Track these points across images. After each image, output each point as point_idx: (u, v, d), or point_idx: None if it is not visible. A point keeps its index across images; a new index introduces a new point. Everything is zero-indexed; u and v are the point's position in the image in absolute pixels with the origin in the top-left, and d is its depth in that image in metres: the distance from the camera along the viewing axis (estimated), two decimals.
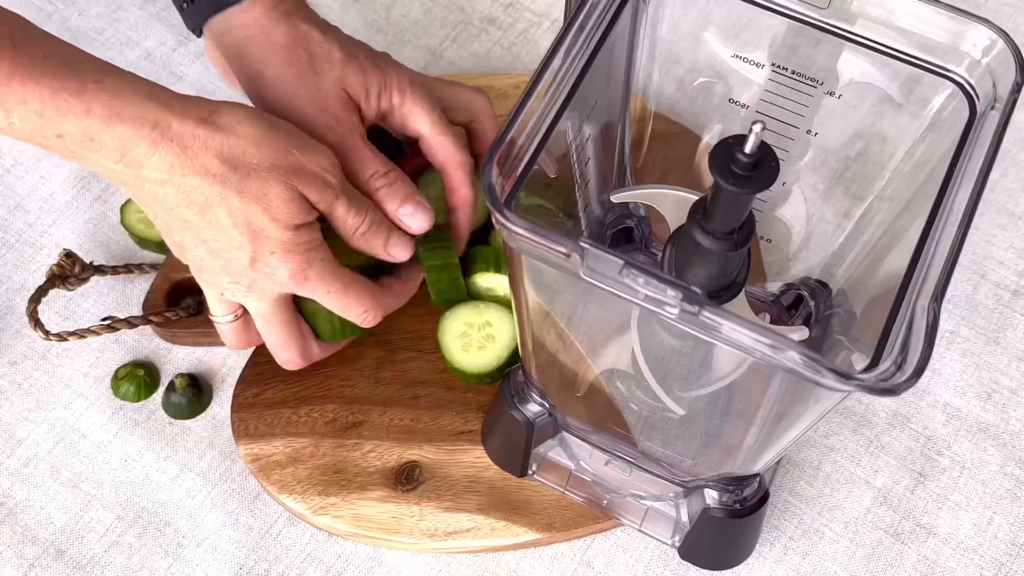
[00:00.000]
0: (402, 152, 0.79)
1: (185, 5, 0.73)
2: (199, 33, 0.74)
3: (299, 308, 0.73)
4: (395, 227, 0.71)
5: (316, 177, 0.65)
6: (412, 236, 0.72)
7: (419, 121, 0.73)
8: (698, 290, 0.48)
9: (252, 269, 0.66)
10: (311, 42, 0.71)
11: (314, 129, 0.69)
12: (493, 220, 0.52)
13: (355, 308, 0.71)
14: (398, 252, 0.71)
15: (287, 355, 0.74)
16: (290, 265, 0.66)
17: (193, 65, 0.93)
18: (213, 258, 0.66)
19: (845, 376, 0.47)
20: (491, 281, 0.78)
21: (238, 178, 0.62)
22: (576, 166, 0.65)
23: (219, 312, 0.72)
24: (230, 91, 0.92)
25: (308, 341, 0.74)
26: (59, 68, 0.58)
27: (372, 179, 0.70)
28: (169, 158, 0.61)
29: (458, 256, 0.76)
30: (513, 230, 0.51)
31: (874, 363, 0.49)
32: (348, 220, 0.67)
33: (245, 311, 0.72)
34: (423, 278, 0.76)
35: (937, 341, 0.68)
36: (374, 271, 0.73)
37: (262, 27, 0.70)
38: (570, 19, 0.57)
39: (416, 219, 0.71)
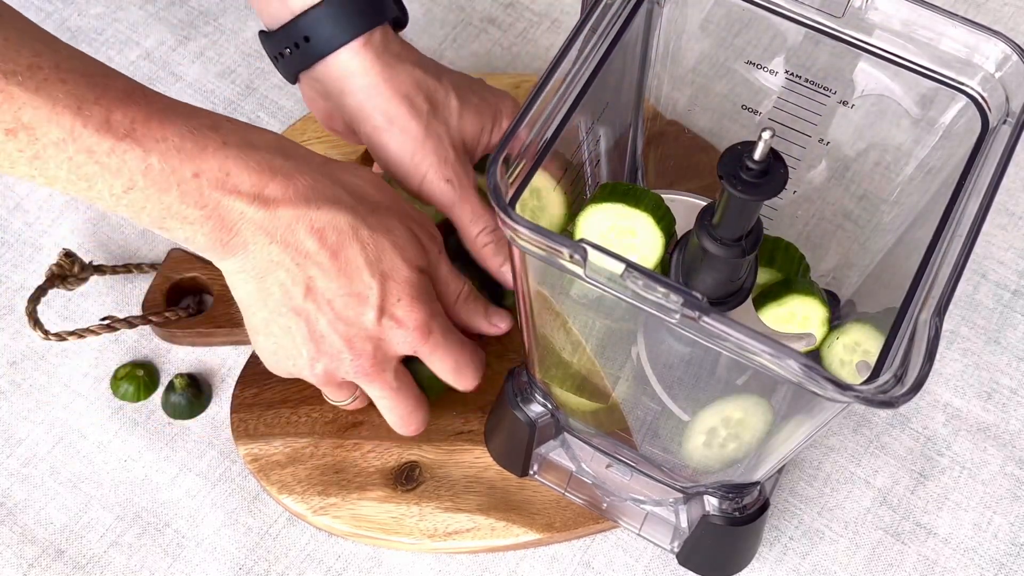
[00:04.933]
0: None
1: (288, 51, 0.71)
2: (294, 80, 0.74)
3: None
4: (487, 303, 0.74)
5: (424, 228, 0.67)
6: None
7: None
8: (699, 295, 0.48)
9: (379, 325, 0.65)
10: (429, 90, 0.71)
11: (435, 182, 0.71)
12: (498, 220, 0.52)
13: (468, 368, 0.71)
14: (500, 321, 0.74)
15: (420, 418, 0.72)
16: (416, 315, 0.66)
17: (192, 65, 0.92)
18: (336, 328, 0.65)
19: (843, 387, 0.47)
20: None
21: (366, 210, 0.64)
22: (587, 167, 0.65)
23: (339, 397, 0.73)
24: (231, 91, 0.92)
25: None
26: (190, 111, 0.59)
27: (481, 234, 0.72)
28: (304, 190, 0.61)
29: None
30: (517, 230, 0.51)
31: (874, 375, 0.49)
32: (451, 284, 0.69)
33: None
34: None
35: None
36: None
37: (379, 74, 0.70)
38: (583, 19, 0.57)
39: None
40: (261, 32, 0.73)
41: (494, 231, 0.72)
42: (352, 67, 0.70)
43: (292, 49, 0.71)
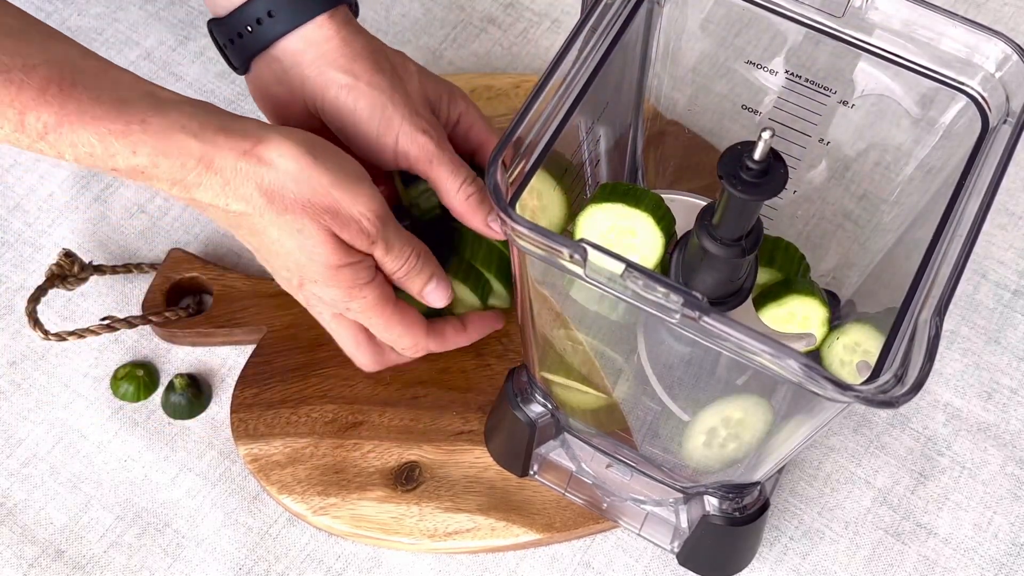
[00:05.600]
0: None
1: (249, 29, 0.70)
2: (246, 67, 0.72)
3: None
4: (434, 273, 0.70)
5: (352, 221, 0.64)
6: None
7: (483, 128, 0.75)
8: (699, 295, 0.48)
9: (301, 291, 0.68)
10: (388, 53, 0.71)
11: (412, 133, 0.69)
12: (498, 220, 0.52)
13: (398, 342, 0.71)
14: (433, 299, 0.71)
15: (364, 359, 0.74)
16: (331, 296, 0.67)
17: (192, 65, 0.92)
18: (273, 272, 0.69)
19: (844, 387, 0.47)
20: None
21: (275, 212, 0.63)
22: (587, 167, 0.65)
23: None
24: (230, 90, 0.91)
25: (383, 347, 0.74)
26: (106, 111, 0.59)
27: (464, 184, 0.69)
28: (215, 188, 0.62)
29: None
30: (517, 230, 0.51)
31: (874, 375, 0.49)
32: (387, 264, 0.68)
33: None
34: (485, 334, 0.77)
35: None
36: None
37: (343, 39, 0.69)
38: (583, 19, 0.57)
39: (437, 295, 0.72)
40: (211, 21, 0.72)
41: (475, 180, 0.70)
42: (314, 37, 0.69)
43: (253, 27, 0.70)
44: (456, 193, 0.69)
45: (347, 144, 0.70)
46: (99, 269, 0.81)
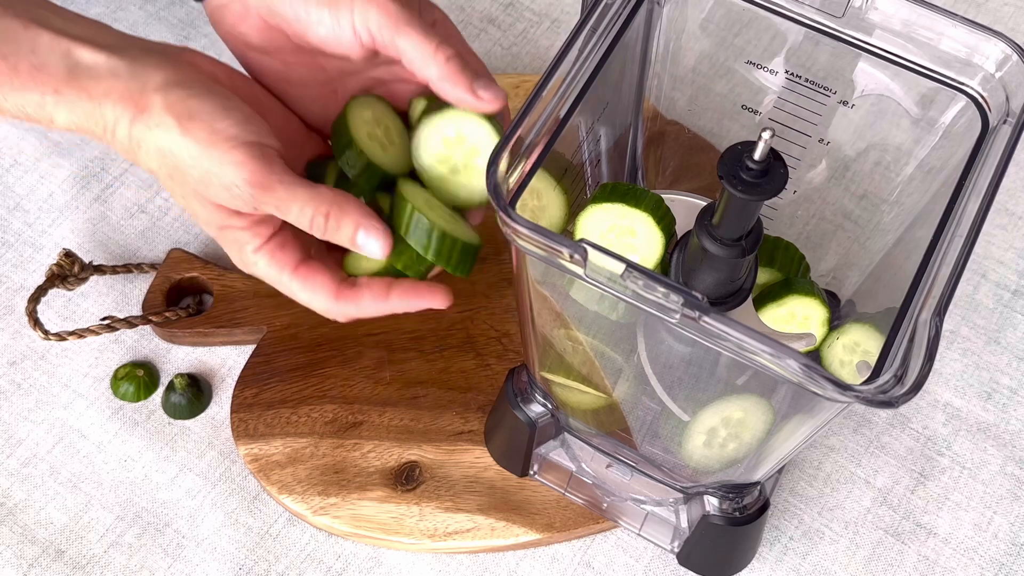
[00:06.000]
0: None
1: None
2: None
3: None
4: (360, 223, 0.63)
5: (223, 189, 0.62)
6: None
7: (461, 40, 0.69)
8: (699, 295, 0.48)
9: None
10: None
11: None
12: (497, 220, 0.51)
13: (310, 306, 0.67)
14: (371, 250, 0.63)
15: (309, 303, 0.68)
16: (232, 257, 0.67)
17: None
18: None
19: (844, 387, 0.47)
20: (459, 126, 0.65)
21: (164, 176, 0.64)
22: (587, 167, 0.65)
23: None
24: None
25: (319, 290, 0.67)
26: (23, 83, 0.61)
27: (440, 47, 0.62)
28: (122, 150, 0.64)
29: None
30: (517, 229, 0.51)
31: (874, 375, 0.49)
32: (299, 225, 0.63)
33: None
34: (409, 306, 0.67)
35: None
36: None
37: None
38: (583, 19, 0.57)
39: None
40: None
41: (451, 44, 0.62)
42: None
43: None
44: (433, 56, 0.61)
45: (308, 42, 0.65)
46: (99, 269, 0.81)
